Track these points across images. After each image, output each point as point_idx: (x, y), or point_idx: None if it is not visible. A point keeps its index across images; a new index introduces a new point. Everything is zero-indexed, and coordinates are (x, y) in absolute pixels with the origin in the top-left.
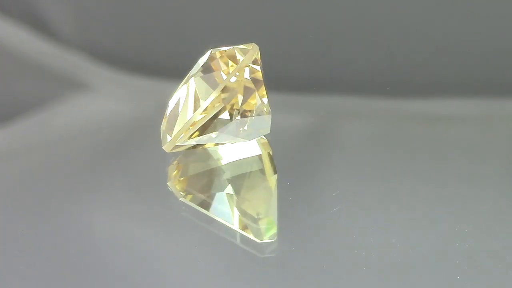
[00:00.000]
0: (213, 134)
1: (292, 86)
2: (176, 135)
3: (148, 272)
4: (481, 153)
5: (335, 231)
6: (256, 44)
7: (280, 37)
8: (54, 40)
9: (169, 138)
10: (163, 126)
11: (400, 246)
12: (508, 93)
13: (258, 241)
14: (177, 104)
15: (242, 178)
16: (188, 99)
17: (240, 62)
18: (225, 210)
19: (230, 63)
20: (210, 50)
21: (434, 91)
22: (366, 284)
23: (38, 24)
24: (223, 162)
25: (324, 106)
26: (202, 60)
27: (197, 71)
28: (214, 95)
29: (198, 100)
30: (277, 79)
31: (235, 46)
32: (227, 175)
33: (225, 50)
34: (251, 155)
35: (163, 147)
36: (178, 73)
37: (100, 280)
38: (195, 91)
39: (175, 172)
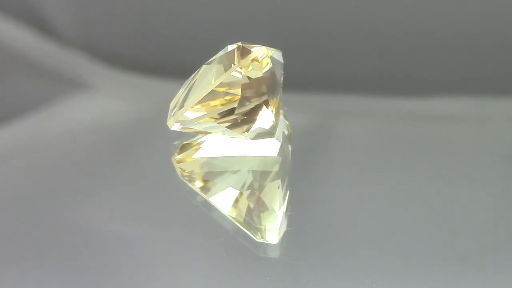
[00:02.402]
0: (216, 124)
1: (292, 85)
2: (179, 112)
3: (145, 266)
4: (480, 152)
5: (335, 230)
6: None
7: (279, 36)
8: (54, 39)
9: (173, 114)
10: (172, 104)
11: (400, 246)
12: (507, 92)
13: (257, 240)
14: (188, 85)
15: (254, 175)
16: (197, 82)
17: (239, 61)
18: (229, 202)
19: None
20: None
21: (434, 90)
22: (368, 284)
23: (38, 23)
24: (240, 154)
25: (323, 104)
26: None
27: (212, 60)
28: (213, 85)
29: (204, 86)
30: None
31: (249, 44)
32: (239, 167)
33: (241, 47)
34: (269, 155)
35: (167, 123)
36: (178, 72)
37: (102, 277)
38: (204, 76)
39: (185, 151)
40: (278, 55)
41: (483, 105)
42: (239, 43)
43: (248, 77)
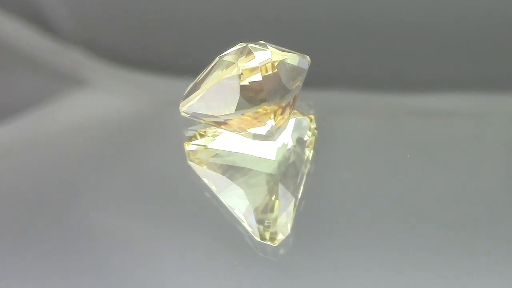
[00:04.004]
0: (221, 120)
1: None
2: (188, 99)
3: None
4: (478, 148)
5: (334, 230)
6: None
7: (277, 32)
8: (54, 36)
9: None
10: (187, 90)
11: (402, 245)
12: (505, 88)
13: (258, 239)
14: (203, 74)
15: (256, 175)
16: (209, 73)
17: (239, 61)
18: (232, 197)
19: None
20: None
21: (432, 87)
22: (369, 285)
23: (38, 21)
24: (245, 152)
25: (321, 101)
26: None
27: (225, 54)
28: (216, 79)
29: (212, 78)
30: None
31: (258, 46)
32: (244, 165)
33: (246, 47)
34: (268, 158)
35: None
36: (177, 69)
37: (100, 278)
38: (216, 68)
39: (199, 138)
40: (301, 61)
41: (483, 102)
42: (250, 43)
43: (247, 79)
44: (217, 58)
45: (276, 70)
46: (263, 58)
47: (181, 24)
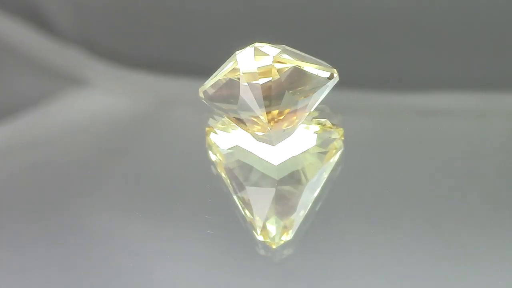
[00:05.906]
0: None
1: None
2: (206, 84)
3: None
4: (479, 147)
5: (333, 232)
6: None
7: (276, 30)
8: (52, 35)
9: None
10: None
11: (401, 247)
12: (506, 87)
13: (258, 239)
14: (224, 64)
15: (261, 176)
16: (224, 67)
17: (240, 62)
18: (243, 196)
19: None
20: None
21: (432, 85)
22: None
23: (37, 20)
24: (254, 151)
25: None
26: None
27: (240, 51)
28: (221, 75)
29: (224, 72)
30: None
31: (263, 51)
32: (254, 165)
33: (253, 48)
34: (270, 162)
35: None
36: (177, 68)
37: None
38: (228, 64)
39: (224, 125)
40: (322, 73)
41: (481, 99)
42: (267, 44)
43: (246, 81)
44: (235, 53)
45: (279, 76)
46: (263, 63)
47: (181, 23)
